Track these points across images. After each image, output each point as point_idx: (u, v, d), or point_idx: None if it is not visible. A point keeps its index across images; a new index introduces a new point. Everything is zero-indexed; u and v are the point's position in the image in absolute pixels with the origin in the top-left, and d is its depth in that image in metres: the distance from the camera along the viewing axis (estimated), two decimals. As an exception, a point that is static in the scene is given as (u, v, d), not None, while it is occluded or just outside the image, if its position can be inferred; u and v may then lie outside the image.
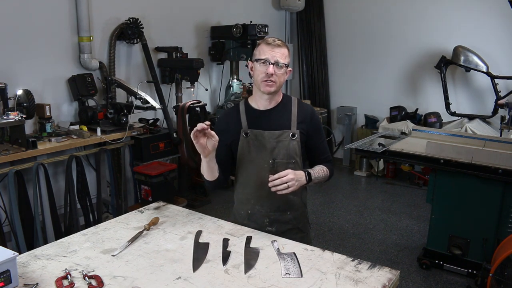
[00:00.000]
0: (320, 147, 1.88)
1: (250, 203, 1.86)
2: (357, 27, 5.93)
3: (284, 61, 1.72)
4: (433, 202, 3.14)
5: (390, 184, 5.29)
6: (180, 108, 4.30)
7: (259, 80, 1.73)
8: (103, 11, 3.96)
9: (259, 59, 1.72)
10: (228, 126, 1.85)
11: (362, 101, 6.04)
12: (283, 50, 1.73)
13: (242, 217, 1.89)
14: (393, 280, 1.40)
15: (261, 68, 1.72)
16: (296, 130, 1.79)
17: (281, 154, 1.78)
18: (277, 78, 1.71)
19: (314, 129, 1.85)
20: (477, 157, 2.85)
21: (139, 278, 1.39)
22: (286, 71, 1.76)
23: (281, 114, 1.81)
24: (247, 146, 1.81)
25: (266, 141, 1.79)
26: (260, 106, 1.82)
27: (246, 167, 1.83)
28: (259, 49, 1.74)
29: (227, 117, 1.90)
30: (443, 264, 3.18)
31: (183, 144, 4.25)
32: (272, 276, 1.40)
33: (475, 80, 5.11)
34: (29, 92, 3.19)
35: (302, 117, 1.81)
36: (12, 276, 1.30)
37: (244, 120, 1.83)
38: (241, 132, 1.81)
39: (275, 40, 1.74)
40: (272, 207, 1.83)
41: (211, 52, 5.17)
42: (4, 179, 3.10)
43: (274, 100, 1.82)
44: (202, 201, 4.52)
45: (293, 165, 1.78)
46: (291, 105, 1.83)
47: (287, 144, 1.78)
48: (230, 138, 1.83)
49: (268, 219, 1.84)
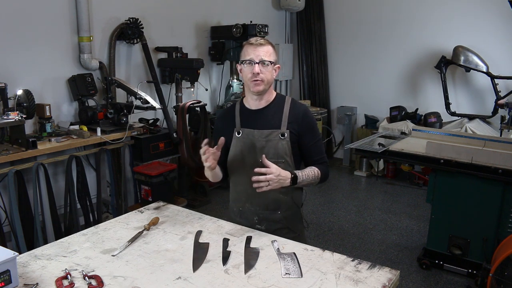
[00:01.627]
0: (312, 148, 1.86)
1: (241, 201, 1.90)
2: (357, 27, 5.93)
3: (269, 59, 1.74)
4: (433, 202, 3.14)
5: (390, 184, 5.29)
6: (180, 108, 4.30)
7: (248, 81, 1.77)
8: (103, 11, 3.96)
9: (244, 60, 1.76)
10: (224, 126, 1.91)
11: (362, 101, 6.05)
12: (267, 48, 1.75)
13: (235, 214, 1.94)
14: (393, 280, 1.40)
15: (247, 69, 1.75)
16: (286, 130, 1.79)
17: (270, 153, 1.79)
18: (264, 76, 1.74)
19: (306, 129, 1.83)
20: (477, 157, 2.85)
21: (139, 278, 1.39)
22: (273, 68, 1.79)
23: (273, 113, 1.83)
24: (238, 145, 1.85)
25: (256, 140, 1.81)
26: (252, 106, 1.86)
27: (238, 165, 1.87)
28: (243, 51, 1.78)
29: (224, 117, 1.96)
30: (443, 264, 3.18)
31: (183, 144, 4.25)
32: (272, 276, 1.40)
33: (475, 80, 5.11)
34: (29, 92, 3.19)
35: (294, 117, 1.82)
36: (12, 276, 1.31)
37: (238, 119, 1.87)
38: (234, 131, 1.86)
39: (258, 39, 1.77)
40: (261, 205, 1.86)
41: (211, 52, 5.17)
42: (4, 179, 3.09)
43: (265, 100, 1.84)
44: (202, 201, 4.52)
45: (283, 164, 1.78)
46: (283, 104, 1.85)
47: (276, 144, 1.80)
48: (226, 137, 1.86)
49: (258, 217, 1.87)
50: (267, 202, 1.85)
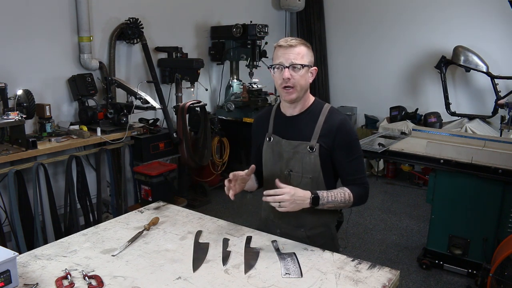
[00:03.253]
0: (345, 166, 1.68)
1: (266, 211, 1.84)
2: (357, 27, 5.93)
3: (300, 62, 1.59)
4: (433, 202, 3.13)
5: (390, 184, 5.29)
6: (180, 108, 4.30)
7: (279, 88, 1.65)
8: (103, 11, 3.96)
9: (273, 65, 1.63)
10: (259, 129, 1.83)
11: (362, 101, 6.04)
12: (299, 49, 1.60)
13: (261, 221, 1.89)
14: (393, 280, 1.40)
15: (278, 74, 1.62)
16: (316, 144, 1.64)
17: (296, 167, 1.68)
18: (295, 82, 1.60)
19: (340, 145, 1.64)
20: (477, 157, 2.84)
21: (139, 278, 1.39)
22: (308, 72, 1.64)
23: (306, 123, 1.69)
24: (268, 152, 1.77)
25: (283, 150, 1.71)
26: (287, 112, 1.74)
27: (266, 172, 1.80)
28: (274, 54, 1.65)
29: (259, 120, 1.87)
30: (443, 264, 3.18)
31: (183, 144, 4.25)
32: (272, 276, 1.40)
33: (475, 80, 5.11)
34: (29, 92, 3.19)
35: (328, 129, 1.64)
36: (12, 276, 1.30)
37: (271, 124, 1.78)
38: (265, 136, 1.78)
39: (288, 40, 1.62)
40: (284, 220, 1.75)
41: (211, 52, 5.17)
42: (4, 179, 3.09)
43: (299, 106, 1.71)
44: (202, 201, 4.52)
45: (309, 180, 1.66)
46: (319, 114, 1.68)
47: (302, 157, 1.67)
48: (259, 141, 1.81)
49: (280, 231, 1.77)
50: (289, 217, 1.71)
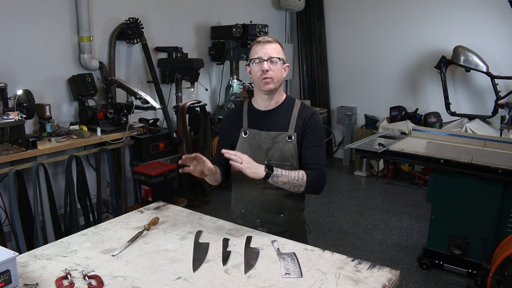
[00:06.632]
0: (308, 151, 1.78)
1: (244, 202, 1.87)
2: (357, 27, 5.93)
3: (277, 56, 1.73)
4: (433, 202, 3.13)
5: (390, 184, 5.29)
6: (180, 108, 4.30)
7: (257, 79, 1.75)
8: (103, 11, 3.96)
9: (252, 59, 1.75)
10: (231, 125, 1.89)
11: (362, 101, 6.05)
12: (275, 45, 1.75)
13: (236, 216, 1.91)
14: (393, 280, 1.40)
15: (256, 68, 1.74)
16: (294, 133, 1.77)
17: (276, 156, 1.77)
18: (273, 74, 1.73)
19: (309, 131, 1.78)
20: (477, 157, 2.85)
21: (139, 278, 1.39)
22: (283, 67, 1.78)
23: (281, 115, 1.81)
24: (244, 145, 1.83)
25: (262, 142, 1.79)
26: (261, 107, 1.84)
27: None
28: (251, 50, 1.78)
29: (230, 116, 1.94)
30: (443, 264, 3.18)
31: (183, 144, 4.25)
32: (272, 276, 1.40)
33: (475, 80, 5.11)
34: (29, 92, 3.19)
35: (301, 120, 1.78)
36: (12, 276, 1.30)
37: (245, 119, 1.85)
38: (241, 131, 1.84)
39: (265, 38, 1.77)
40: (264, 208, 1.83)
41: (211, 52, 5.17)
42: (4, 179, 3.10)
43: (274, 100, 1.82)
44: (202, 201, 4.52)
45: (288, 167, 1.76)
46: (293, 106, 1.82)
47: (282, 146, 1.77)
48: (232, 137, 1.86)
49: (260, 220, 1.84)
50: (270, 204, 1.82)
